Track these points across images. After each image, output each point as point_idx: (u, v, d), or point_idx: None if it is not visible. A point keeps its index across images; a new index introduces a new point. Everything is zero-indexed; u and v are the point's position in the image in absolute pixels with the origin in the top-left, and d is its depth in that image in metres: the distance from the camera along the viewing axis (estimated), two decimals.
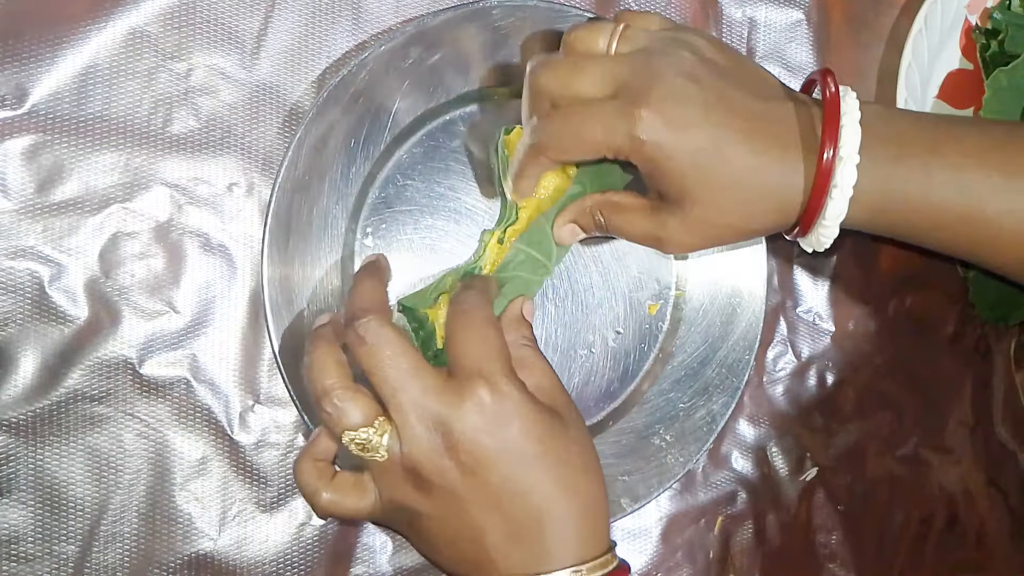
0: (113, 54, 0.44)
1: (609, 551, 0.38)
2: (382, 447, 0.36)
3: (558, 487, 0.37)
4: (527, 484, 0.36)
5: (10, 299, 0.43)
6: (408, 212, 0.47)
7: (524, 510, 0.36)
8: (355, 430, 0.36)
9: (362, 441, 0.36)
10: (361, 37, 0.48)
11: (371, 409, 0.36)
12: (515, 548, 0.36)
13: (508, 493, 0.36)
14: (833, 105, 0.38)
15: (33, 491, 0.43)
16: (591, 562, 0.37)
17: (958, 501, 0.56)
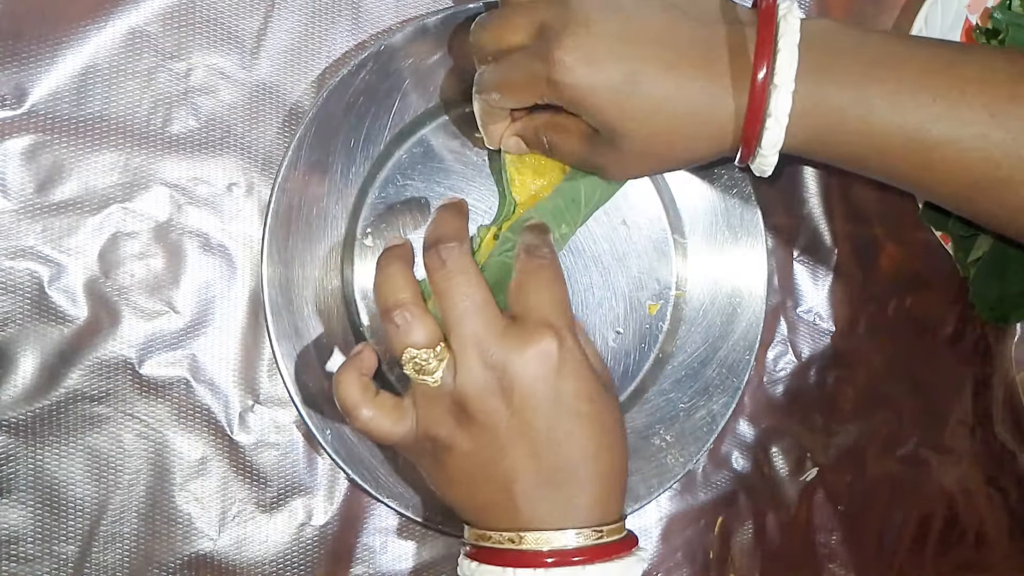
0: (113, 54, 0.44)
1: (623, 518, 0.39)
2: (437, 372, 0.37)
3: (596, 448, 0.37)
4: (569, 439, 0.37)
5: (10, 299, 0.43)
6: (408, 212, 0.47)
7: (558, 462, 0.37)
8: (417, 349, 0.36)
9: (420, 362, 0.37)
10: (361, 37, 0.47)
11: (436, 333, 0.37)
12: (542, 497, 0.37)
13: (550, 443, 0.37)
14: (767, 21, 0.37)
15: (33, 491, 0.43)
16: (610, 525, 0.38)
17: (958, 501, 0.56)
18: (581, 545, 0.37)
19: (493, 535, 0.37)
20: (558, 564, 0.36)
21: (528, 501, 0.37)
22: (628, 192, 0.50)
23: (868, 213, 0.55)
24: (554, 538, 0.36)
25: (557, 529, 0.37)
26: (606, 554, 0.37)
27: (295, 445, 0.46)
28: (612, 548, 0.37)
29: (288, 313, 0.44)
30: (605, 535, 0.37)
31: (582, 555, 0.36)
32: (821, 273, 0.54)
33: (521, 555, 0.37)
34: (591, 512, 0.37)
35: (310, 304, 0.45)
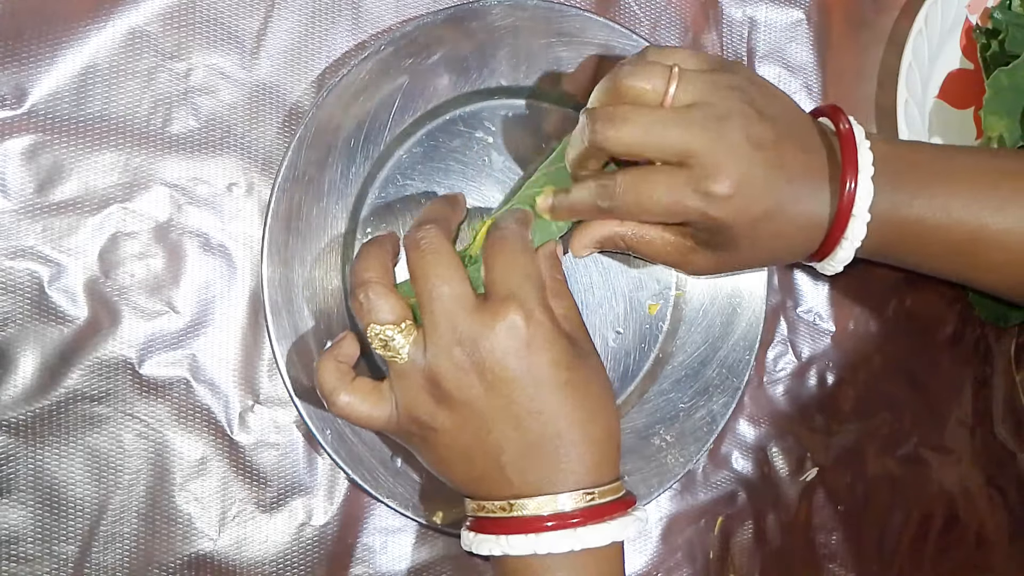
0: (113, 54, 0.44)
1: (618, 479, 0.39)
2: (404, 349, 0.37)
3: (578, 412, 0.38)
4: (549, 406, 0.37)
5: (10, 299, 0.43)
6: (408, 212, 0.47)
7: (543, 431, 0.37)
8: (382, 325, 0.37)
9: (386, 339, 0.37)
10: (361, 37, 0.47)
11: (402, 311, 0.38)
12: (530, 467, 0.37)
13: (530, 413, 0.37)
14: (849, 140, 0.41)
15: (33, 491, 0.43)
16: (603, 487, 0.38)
17: (958, 501, 0.56)
18: (574, 508, 0.37)
19: (487, 505, 0.38)
20: (551, 528, 0.37)
21: (518, 471, 0.37)
22: None
23: None
24: (545, 503, 0.37)
25: (548, 494, 0.37)
26: (600, 515, 0.37)
27: (295, 445, 0.46)
28: (607, 509, 0.38)
29: (288, 313, 0.44)
30: (598, 496, 0.38)
31: (575, 518, 0.37)
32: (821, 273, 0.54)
33: (515, 522, 0.37)
34: (583, 476, 0.38)
35: (310, 304, 0.45)
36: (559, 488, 0.37)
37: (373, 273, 0.38)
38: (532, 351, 0.37)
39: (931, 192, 0.43)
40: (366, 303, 0.38)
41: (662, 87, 0.39)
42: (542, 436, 0.37)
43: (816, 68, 0.55)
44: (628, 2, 0.51)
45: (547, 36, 0.47)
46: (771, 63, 0.54)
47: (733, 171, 0.38)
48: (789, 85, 0.54)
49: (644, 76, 0.39)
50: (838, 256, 0.43)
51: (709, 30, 0.53)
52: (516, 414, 0.37)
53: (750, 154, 0.39)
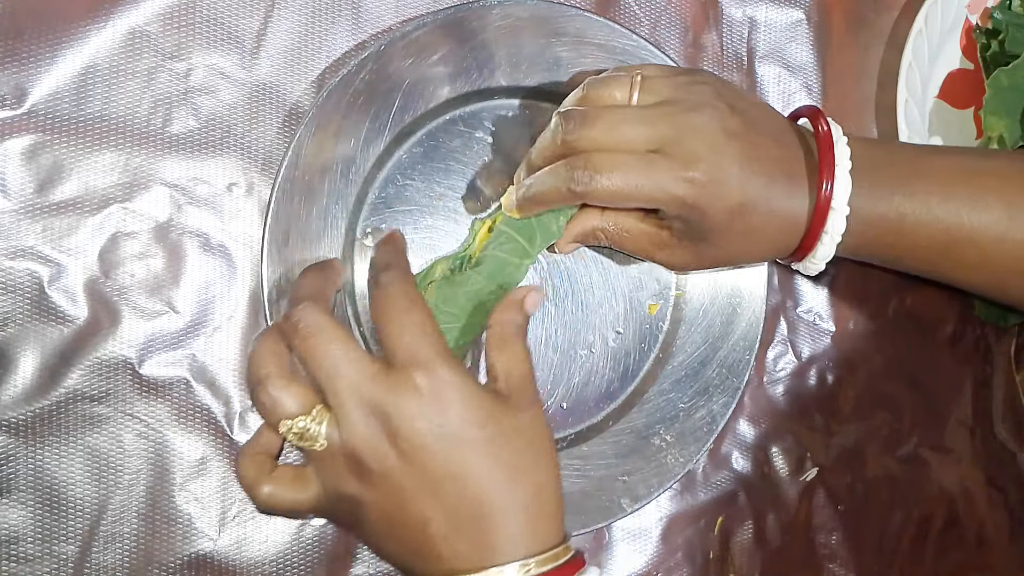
0: (113, 54, 0.44)
1: (562, 543, 0.37)
2: (321, 436, 0.36)
3: (502, 474, 0.36)
4: (467, 470, 0.35)
5: (10, 299, 0.43)
6: (408, 212, 0.47)
7: (465, 497, 0.35)
8: (292, 419, 0.36)
9: (300, 430, 0.36)
10: (361, 37, 0.47)
11: (308, 398, 0.36)
12: (459, 539, 0.35)
13: (448, 479, 0.35)
14: (827, 139, 0.42)
15: (33, 491, 0.43)
16: (541, 555, 0.36)
17: (958, 501, 0.56)
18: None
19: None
20: None
21: (447, 543, 0.35)
22: None
23: None
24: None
25: (480, 570, 0.35)
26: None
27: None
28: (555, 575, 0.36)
29: None
30: (535, 566, 0.35)
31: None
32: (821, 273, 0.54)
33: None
34: (516, 545, 0.36)
35: None
36: (492, 560, 0.35)
37: (267, 367, 0.36)
38: (439, 411, 0.35)
39: (909, 189, 0.43)
40: (269, 401, 0.36)
41: (626, 92, 0.41)
42: (466, 504, 0.35)
43: (816, 68, 0.55)
44: (628, 2, 0.51)
45: (547, 36, 0.47)
46: (771, 63, 0.54)
47: (706, 156, 0.39)
48: (789, 85, 0.54)
49: (612, 85, 0.41)
50: (818, 253, 0.43)
51: (709, 30, 0.53)
52: (433, 481, 0.35)
53: (723, 142, 0.39)
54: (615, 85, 0.41)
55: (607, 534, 0.50)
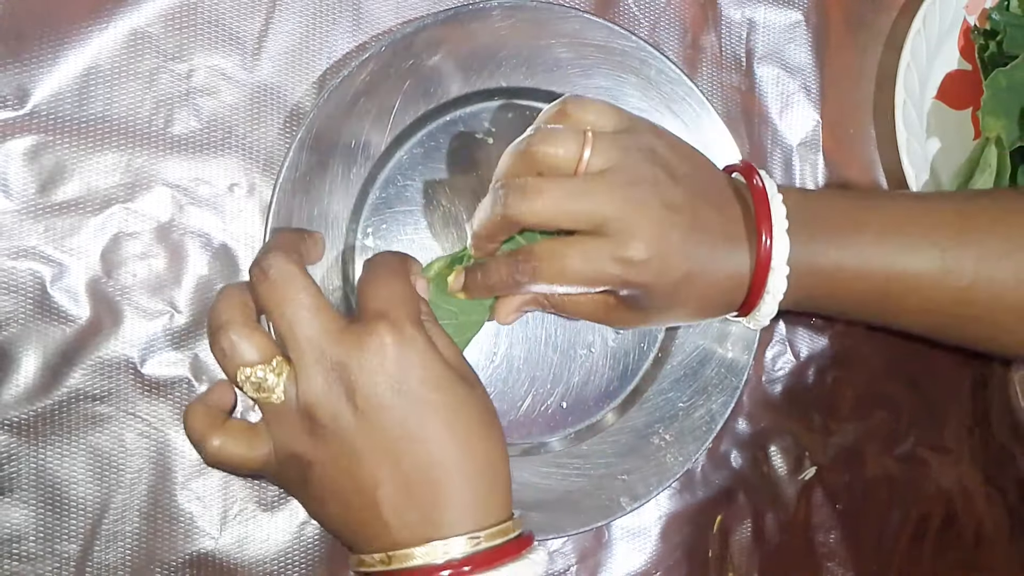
0: (115, 55, 0.44)
1: (510, 519, 0.37)
2: (278, 388, 0.35)
3: (455, 443, 0.35)
4: (423, 434, 0.35)
5: (12, 299, 0.43)
6: (408, 212, 0.47)
7: (418, 462, 0.35)
8: (251, 367, 0.35)
9: (257, 380, 0.35)
10: (361, 38, 0.48)
11: (268, 348, 0.35)
12: (408, 507, 0.35)
13: (403, 441, 0.35)
14: (762, 196, 0.42)
15: (35, 490, 0.43)
16: (489, 529, 0.35)
17: (956, 500, 0.56)
18: (458, 556, 0.34)
19: (367, 559, 0.35)
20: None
21: (394, 510, 0.35)
22: None
23: None
24: (426, 552, 0.34)
25: (428, 542, 0.34)
26: (490, 561, 0.35)
27: None
28: (496, 553, 0.35)
29: None
30: (484, 540, 0.35)
31: (461, 566, 0.34)
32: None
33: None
34: (465, 516, 0.35)
35: None
36: (440, 532, 0.35)
37: (230, 314, 0.36)
38: (401, 370, 0.35)
39: (845, 240, 0.43)
40: (229, 347, 0.35)
41: (575, 153, 0.38)
42: (419, 469, 0.35)
43: (814, 69, 0.55)
44: (627, 3, 0.52)
45: (547, 37, 0.47)
46: (770, 64, 0.54)
47: (649, 235, 0.38)
48: (787, 86, 0.54)
49: (557, 142, 0.38)
50: (762, 311, 0.43)
51: (708, 31, 0.53)
52: (387, 441, 0.34)
53: (665, 217, 0.39)
54: (562, 142, 0.38)
55: (606, 533, 0.50)
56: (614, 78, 0.49)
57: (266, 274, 0.35)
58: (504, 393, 0.48)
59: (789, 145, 0.54)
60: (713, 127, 0.50)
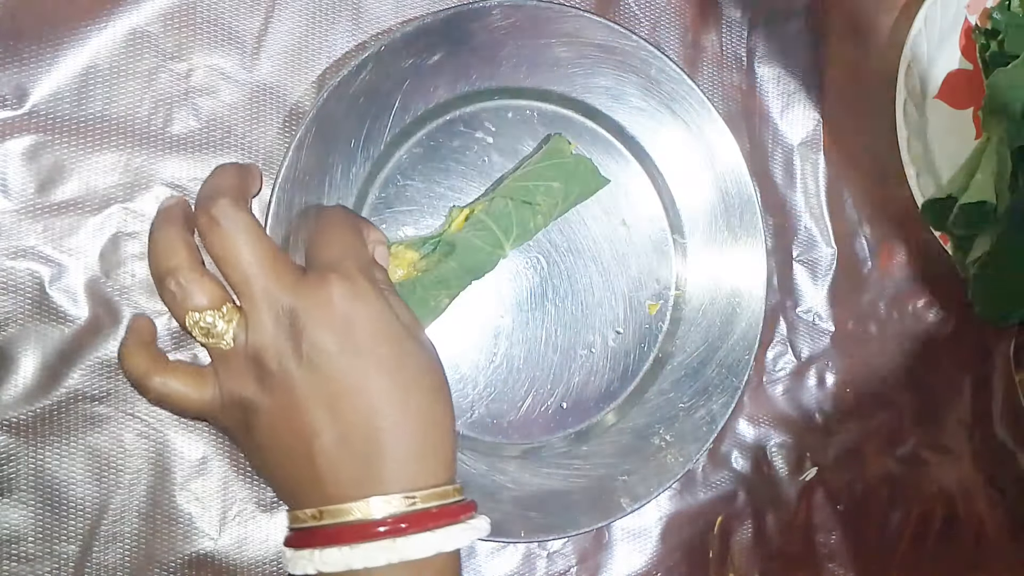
0: (114, 54, 0.44)
1: (451, 483, 0.35)
2: (227, 334, 0.35)
3: (398, 398, 0.34)
4: (366, 385, 0.34)
5: (10, 299, 0.43)
6: (408, 212, 0.47)
7: (359, 413, 0.34)
8: (200, 312, 0.34)
9: (207, 325, 0.35)
10: (361, 37, 0.48)
11: (219, 294, 0.35)
12: (345, 459, 0.34)
13: (345, 391, 0.34)
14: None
15: (33, 491, 0.43)
16: (428, 489, 0.34)
17: (957, 500, 0.56)
18: (392, 514, 0.33)
19: (300, 514, 0.34)
20: (367, 538, 0.33)
21: (330, 463, 0.34)
22: (629, 192, 0.50)
23: (867, 213, 0.55)
24: (358, 508, 0.33)
25: (362, 498, 0.33)
26: (424, 523, 0.33)
27: None
28: (433, 515, 0.34)
29: None
30: (420, 501, 0.34)
31: (395, 524, 0.33)
32: (821, 273, 0.54)
33: (327, 532, 0.33)
34: (402, 474, 0.34)
35: None
36: (375, 489, 0.33)
37: (178, 258, 0.35)
38: (349, 320, 0.34)
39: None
40: (179, 291, 0.34)
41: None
42: (355, 418, 0.34)
43: (815, 68, 0.55)
44: (628, 3, 0.52)
45: (547, 37, 0.47)
46: (770, 63, 0.54)
47: None
48: (788, 85, 0.54)
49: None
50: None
51: (708, 30, 0.53)
52: (329, 390, 0.34)
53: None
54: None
55: (607, 534, 0.50)
56: (614, 78, 0.49)
57: (217, 223, 0.35)
58: (504, 393, 0.48)
59: (790, 145, 0.54)
60: (714, 127, 0.50)
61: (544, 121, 0.49)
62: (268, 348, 0.34)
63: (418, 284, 0.44)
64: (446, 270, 0.44)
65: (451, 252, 0.44)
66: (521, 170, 0.47)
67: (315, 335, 0.34)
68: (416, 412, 0.35)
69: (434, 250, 0.45)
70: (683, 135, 0.50)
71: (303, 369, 0.34)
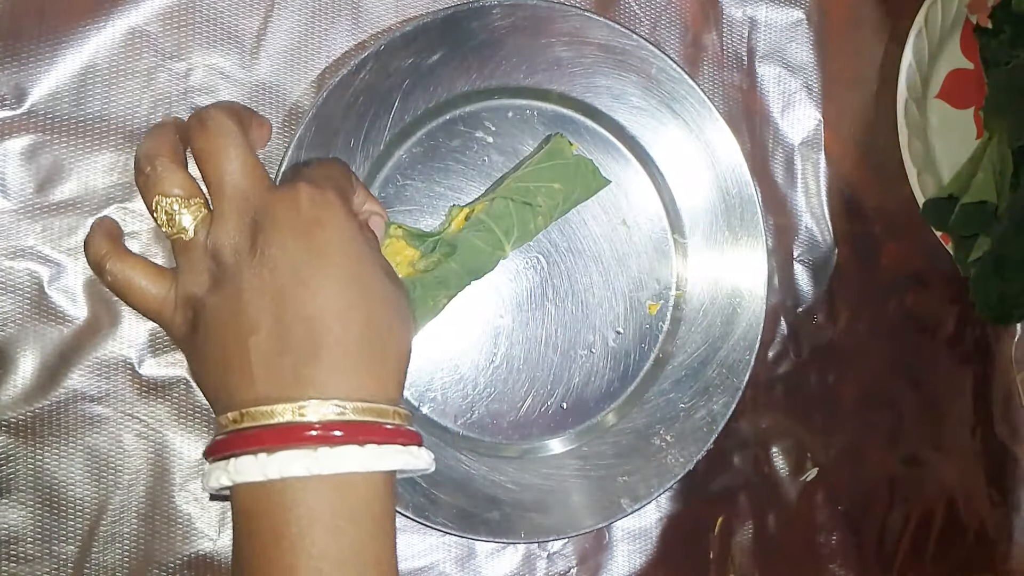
0: (112, 54, 0.44)
1: (394, 405, 0.34)
2: (190, 226, 0.34)
3: (349, 306, 0.33)
4: (316, 287, 0.33)
5: (9, 299, 0.43)
6: (408, 212, 0.47)
7: (302, 313, 0.32)
8: (168, 198, 0.34)
9: (172, 212, 0.34)
10: (361, 37, 0.47)
11: (192, 188, 0.35)
12: (280, 358, 0.32)
13: (292, 289, 0.33)
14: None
15: (32, 491, 0.43)
16: (362, 402, 0.32)
17: (958, 500, 0.56)
18: (318, 420, 0.31)
19: (223, 419, 0.33)
20: (283, 441, 0.31)
21: (263, 360, 0.32)
22: (629, 192, 0.50)
23: (868, 212, 0.55)
24: (281, 411, 0.31)
25: (288, 400, 0.31)
26: (352, 435, 0.31)
27: None
28: (364, 429, 0.32)
29: None
30: (351, 412, 0.31)
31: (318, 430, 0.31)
32: (821, 273, 0.54)
33: (245, 436, 0.31)
34: (337, 381, 0.32)
35: None
36: (305, 393, 0.31)
37: (163, 149, 0.35)
38: (313, 225, 0.33)
39: None
40: (153, 174, 0.34)
41: None
42: (297, 318, 0.32)
43: (816, 68, 0.55)
44: (628, 2, 0.51)
45: (547, 36, 0.47)
46: (771, 63, 0.54)
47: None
48: (789, 85, 0.54)
49: None
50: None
51: (709, 29, 0.53)
52: (277, 286, 0.32)
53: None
54: None
55: (607, 534, 0.50)
56: (615, 77, 0.48)
57: (206, 123, 0.35)
58: (504, 394, 0.48)
59: (791, 144, 0.54)
60: (714, 126, 0.50)
61: (544, 120, 0.48)
62: (227, 245, 0.34)
63: (418, 284, 0.44)
64: (446, 271, 0.44)
65: (452, 253, 0.44)
66: (522, 170, 0.47)
67: (274, 233, 0.33)
68: (364, 324, 0.33)
69: (434, 250, 0.45)
70: (683, 135, 0.50)
71: (255, 264, 0.33)
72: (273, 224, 0.33)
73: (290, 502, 0.31)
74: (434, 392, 0.47)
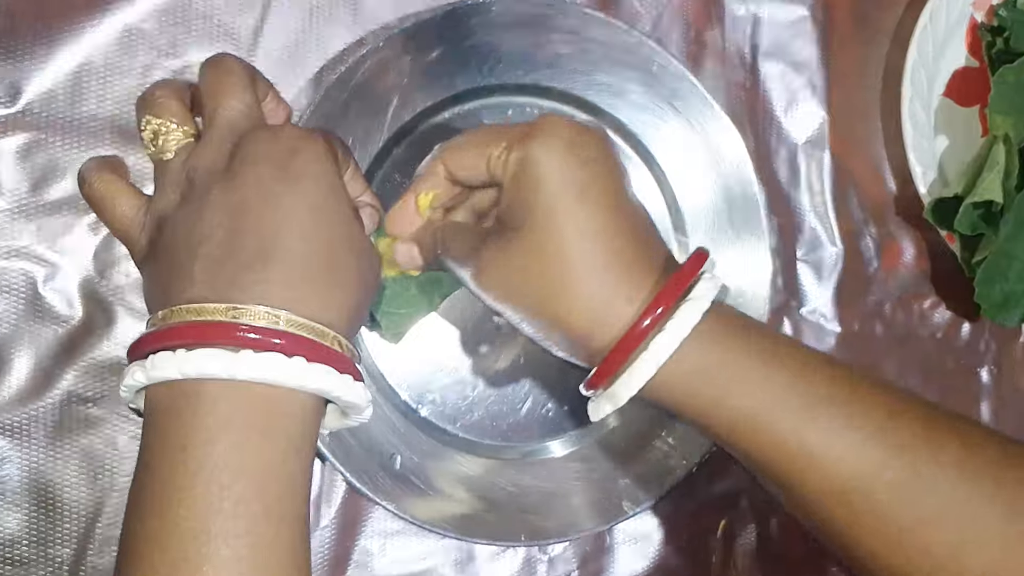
0: (107, 51, 0.44)
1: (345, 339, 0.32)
2: (173, 148, 0.34)
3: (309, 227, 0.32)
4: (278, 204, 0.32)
5: (3, 299, 0.42)
6: None
7: (258, 227, 0.31)
8: (160, 118, 0.34)
9: (158, 131, 0.34)
10: (359, 34, 0.47)
11: (185, 118, 0.35)
12: (225, 264, 0.31)
13: (254, 204, 0.32)
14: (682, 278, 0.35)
15: (27, 494, 0.43)
16: (301, 318, 0.31)
17: None
18: (246, 323, 0.30)
19: (151, 319, 0.32)
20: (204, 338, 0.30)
21: (207, 266, 0.31)
22: None
23: (873, 212, 0.55)
24: (209, 309, 0.30)
25: (222, 301, 0.30)
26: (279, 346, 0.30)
27: None
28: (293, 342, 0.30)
29: None
30: (284, 323, 0.30)
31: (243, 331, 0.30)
32: (826, 273, 0.54)
33: (166, 332, 0.30)
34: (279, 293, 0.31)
35: None
36: (240, 297, 0.30)
37: (167, 88, 0.35)
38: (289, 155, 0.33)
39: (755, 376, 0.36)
40: (150, 98, 0.35)
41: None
42: (253, 229, 0.31)
43: (820, 65, 0.54)
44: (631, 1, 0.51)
45: (546, 33, 0.47)
46: (775, 60, 0.54)
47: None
48: (793, 82, 0.54)
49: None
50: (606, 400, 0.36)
51: (712, 26, 0.52)
52: (239, 199, 0.32)
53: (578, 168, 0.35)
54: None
55: (608, 537, 0.50)
56: (616, 74, 0.48)
57: (216, 62, 0.35)
58: (504, 396, 0.48)
59: (794, 142, 0.54)
60: (717, 124, 0.49)
61: None
62: (202, 167, 0.33)
63: (413, 282, 0.43)
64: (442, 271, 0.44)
65: None
66: None
67: (251, 155, 0.33)
68: (320, 250, 0.32)
69: None
70: (685, 132, 0.49)
71: (223, 179, 0.33)
72: (252, 147, 0.33)
73: (204, 407, 0.29)
74: (433, 394, 0.47)
